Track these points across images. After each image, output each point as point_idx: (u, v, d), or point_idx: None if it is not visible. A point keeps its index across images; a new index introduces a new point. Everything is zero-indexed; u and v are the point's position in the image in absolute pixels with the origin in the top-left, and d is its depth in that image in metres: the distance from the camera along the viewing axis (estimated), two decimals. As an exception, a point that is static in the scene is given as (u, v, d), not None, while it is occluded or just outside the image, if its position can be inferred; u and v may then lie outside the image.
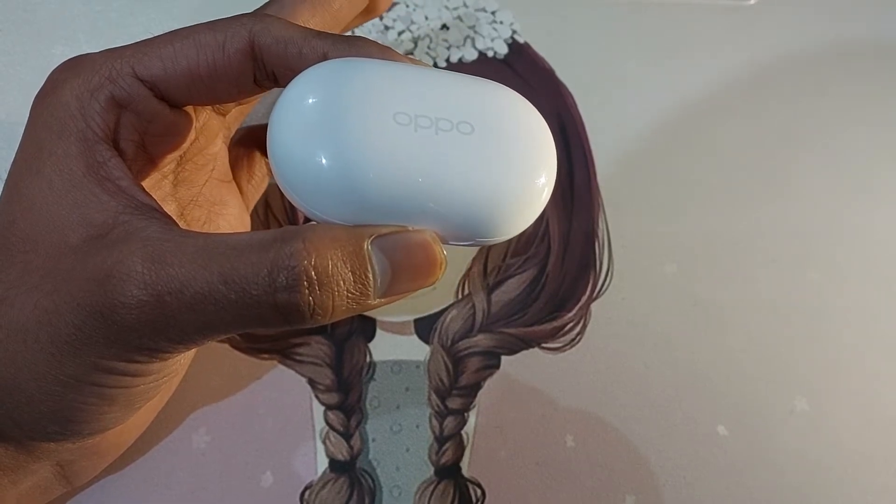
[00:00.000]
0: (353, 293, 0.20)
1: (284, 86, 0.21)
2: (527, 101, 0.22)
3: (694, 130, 0.36)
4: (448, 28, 0.37)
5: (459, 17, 0.37)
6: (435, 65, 0.36)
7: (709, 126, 0.36)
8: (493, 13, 0.37)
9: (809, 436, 0.30)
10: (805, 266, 0.33)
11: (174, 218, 0.26)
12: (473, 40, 0.37)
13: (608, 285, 0.32)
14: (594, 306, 0.32)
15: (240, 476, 0.28)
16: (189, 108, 0.25)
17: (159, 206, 0.22)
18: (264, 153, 0.29)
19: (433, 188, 0.20)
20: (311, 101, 0.20)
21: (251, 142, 0.29)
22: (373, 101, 0.20)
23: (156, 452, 0.28)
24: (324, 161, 0.19)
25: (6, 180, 0.22)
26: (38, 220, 0.21)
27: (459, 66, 0.36)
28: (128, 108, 0.22)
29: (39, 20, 0.35)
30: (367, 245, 0.20)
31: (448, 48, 0.36)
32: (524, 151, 0.21)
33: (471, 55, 0.36)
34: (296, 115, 0.20)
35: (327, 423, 0.29)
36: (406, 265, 0.20)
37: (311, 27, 0.25)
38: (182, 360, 0.25)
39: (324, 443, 0.29)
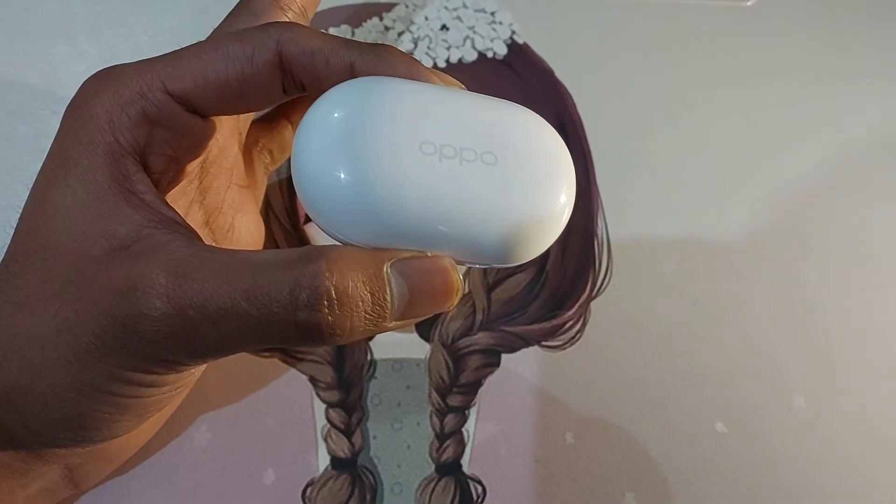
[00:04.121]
0: (370, 315, 0.20)
1: (312, 93, 0.22)
2: (548, 126, 0.22)
3: (692, 130, 0.36)
4: (448, 29, 0.37)
5: (459, 18, 0.37)
6: (435, 65, 0.36)
7: (707, 126, 0.36)
8: (492, 14, 0.38)
9: (807, 433, 0.30)
10: (803, 265, 0.34)
11: (200, 225, 0.26)
12: (473, 41, 0.37)
13: (607, 284, 0.32)
14: (594, 305, 0.32)
15: (241, 473, 0.28)
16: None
17: (183, 220, 0.22)
18: (262, 151, 0.29)
19: (455, 219, 0.20)
20: (336, 124, 0.20)
21: (248, 142, 0.29)
22: (399, 129, 0.20)
23: (158, 451, 0.28)
24: (347, 188, 0.19)
25: (32, 188, 0.22)
26: (60, 229, 0.21)
27: (459, 67, 0.36)
28: (159, 124, 0.22)
29: (39, 19, 0.36)
30: (386, 268, 0.20)
31: (448, 49, 0.37)
32: (544, 183, 0.21)
33: (470, 56, 0.37)
34: (320, 138, 0.20)
35: (328, 420, 0.29)
36: (423, 289, 0.21)
37: (301, 3, 0.26)
38: (195, 372, 0.25)
39: (325, 440, 0.29)
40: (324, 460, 0.29)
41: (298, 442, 0.29)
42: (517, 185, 0.21)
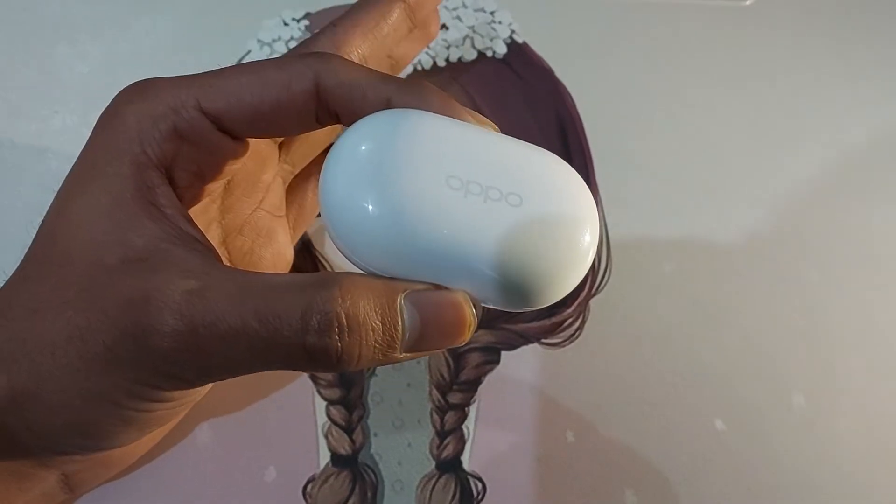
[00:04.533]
0: (380, 344, 0.20)
1: (346, 124, 0.22)
2: (574, 173, 0.22)
3: (691, 129, 0.36)
4: (447, 28, 0.37)
5: (458, 17, 0.38)
6: (434, 64, 0.36)
7: (706, 125, 0.36)
8: (491, 13, 0.38)
9: (806, 431, 0.31)
10: (803, 264, 0.34)
11: (217, 244, 0.26)
12: (472, 40, 0.37)
13: (607, 282, 0.33)
14: (593, 303, 0.32)
15: (243, 471, 0.28)
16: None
17: (203, 237, 0.22)
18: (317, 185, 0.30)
19: (476, 256, 0.20)
20: (366, 151, 0.20)
21: (312, 167, 0.29)
22: (427, 161, 0.20)
23: (160, 449, 0.28)
24: (371, 213, 0.19)
25: (57, 193, 0.22)
26: (77, 236, 0.21)
27: (459, 66, 0.36)
28: (188, 140, 0.22)
29: (41, 19, 0.36)
30: (400, 299, 0.20)
31: (447, 48, 0.37)
32: (567, 232, 0.21)
33: (470, 55, 0.37)
34: (350, 164, 0.20)
35: (329, 418, 0.29)
36: (436, 323, 0.20)
37: (362, 52, 0.26)
38: (201, 390, 0.25)
39: (326, 437, 0.29)
40: (325, 457, 0.29)
41: (299, 439, 0.29)
42: (539, 229, 0.20)
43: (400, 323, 0.20)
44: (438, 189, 0.20)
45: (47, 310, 0.20)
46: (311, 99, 0.22)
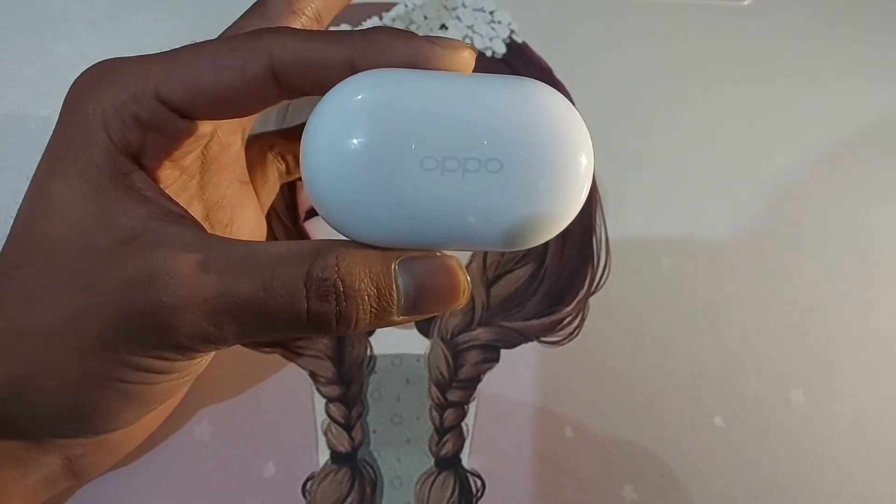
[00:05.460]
0: (376, 309, 0.21)
1: (316, 94, 0.21)
2: (557, 101, 0.21)
3: (691, 129, 0.36)
4: (447, 28, 0.37)
5: (458, 17, 0.38)
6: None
7: (706, 125, 0.36)
8: (491, 13, 0.38)
9: (804, 427, 0.31)
10: (801, 261, 0.34)
11: (200, 219, 0.26)
12: (472, 40, 0.37)
13: (606, 280, 0.33)
14: (592, 300, 0.32)
15: (242, 467, 0.28)
16: None
17: (188, 213, 0.22)
18: (277, 157, 0.30)
19: (459, 230, 0.20)
20: (338, 139, 0.19)
21: (264, 145, 0.29)
22: (400, 145, 0.19)
23: (159, 444, 0.28)
24: (353, 207, 0.20)
25: (31, 180, 0.22)
26: (59, 221, 0.21)
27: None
28: (152, 129, 0.22)
29: (41, 17, 0.36)
30: (394, 266, 0.21)
31: (447, 47, 0.37)
32: (552, 184, 0.20)
33: (469, 54, 0.37)
34: (326, 155, 0.20)
35: (328, 415, 0.29)
36: (430, 288, 0.21)
37: (315, 7, 0.25)
38: (204, 360, 0.25)
39: (325, 434, 0.29)
40: (324, 454, 0.29)
41: (299, 436, 0.29)
42: (522, 190, 0.20)
43: (395, 289, 0.21)
44: (414, 174, 0.19)
45: (41, 296, 0.20)
46: (268, 80, 0.22)
